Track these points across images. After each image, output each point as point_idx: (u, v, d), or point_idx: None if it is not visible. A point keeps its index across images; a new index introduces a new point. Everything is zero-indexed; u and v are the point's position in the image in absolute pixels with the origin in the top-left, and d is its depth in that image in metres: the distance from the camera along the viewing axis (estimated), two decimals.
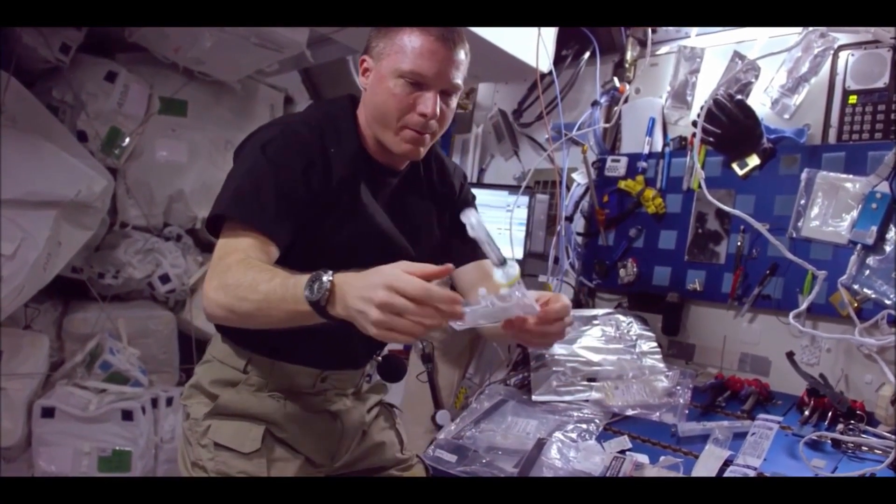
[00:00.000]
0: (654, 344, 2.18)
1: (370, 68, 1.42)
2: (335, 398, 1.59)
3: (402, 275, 1.01)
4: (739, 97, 2.07)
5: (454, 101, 1.44)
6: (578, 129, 2.53)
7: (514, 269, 1.12)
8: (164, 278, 3.13)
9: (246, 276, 1.17)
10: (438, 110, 1.38)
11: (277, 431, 1.49)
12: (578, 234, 2.54)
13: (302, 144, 1.37)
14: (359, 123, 1.47)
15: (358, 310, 1.04)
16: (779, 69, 2.14)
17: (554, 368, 2.06)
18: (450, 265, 1.10)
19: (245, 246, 1.26)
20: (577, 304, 2.49)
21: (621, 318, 2.26)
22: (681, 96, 2.38)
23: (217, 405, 1.49)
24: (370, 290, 1.02)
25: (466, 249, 1.66)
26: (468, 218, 1.15)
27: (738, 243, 2.09)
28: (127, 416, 2.74)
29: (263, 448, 1.45)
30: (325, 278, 1.08)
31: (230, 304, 1.18)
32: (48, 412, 2.66)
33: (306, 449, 1.53)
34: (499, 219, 2.62)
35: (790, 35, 2.10)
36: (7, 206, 2.38)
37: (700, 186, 2.07)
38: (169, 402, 2.93)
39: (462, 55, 1.40)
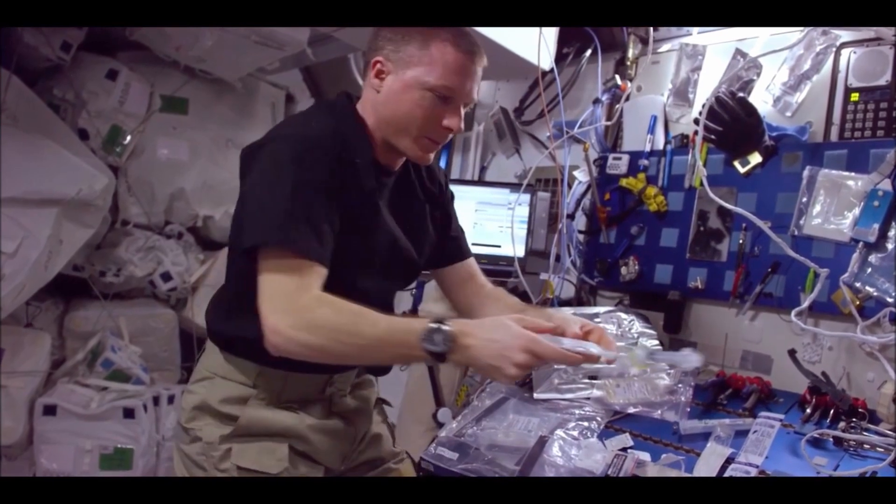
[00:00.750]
0: (656, 342, 2.18)
1: (388, 72, 1.38)
2: (339, 400, 1.58)
3: (539, 340, 1.19)
4: (741, 95, 2.06)
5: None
6: (580, 126, 2.53)
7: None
8: (166, 276, 3.13)
9: (341, 318, 1.19)
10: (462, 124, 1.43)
11: (299, 445, 1.46)
12: (580, 231, 2.54)
13: (332, 158, 1.32)
14: (366, 126, 1.44)
15: (494, 366, 1.18)
16: (781, 67, 2.14)
17: (555, 366, 2.06)
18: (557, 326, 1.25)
19: (307, 277, 1.23)
20: (579, 301, 2.49)
21: (623, 315, 2.26)
22: (682, 94, 2.38)
23: (240, 426, 1.42)
24: (510, 352, 1.17)
25: (453, 248, 1.70)
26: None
27: (740, 241, 2.09)
28: (129, 414, 2.74)
29: (290, 466, 1.42)
30: (445, 329, 1.16)
31: (323, 345, 1.18)
32: (50, 410, 2.66)
33: (325, 458, 1.51)
34: (500, 216, 2.62)
35: (792, 33, 2.10)
36: (8, 204, 2.38)
37: (702, 184, 2.06)
38: (170, 399, 2.93)
39: (482, 70, 1.43)
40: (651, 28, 2.50)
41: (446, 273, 1.70)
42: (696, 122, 2.09)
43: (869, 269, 1.82)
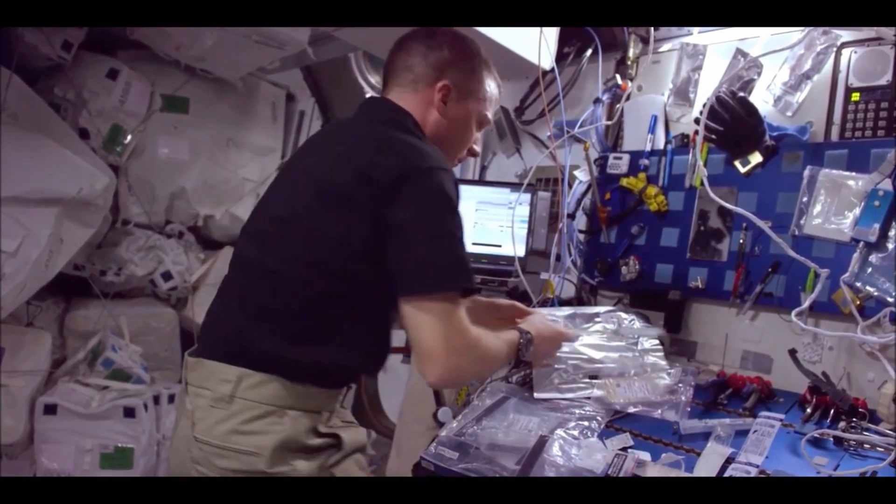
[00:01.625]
0: (656, 341, 2.18)
1: (453, 98, 1.51)
2: (339, 408, 1.59)
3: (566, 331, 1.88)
4: (742, 94, 2.06)
5: None
6: (580, 126, 2.52)
7: None
8: (166, 275, 3.14)
9: (492, 347, 1.46)
10: None
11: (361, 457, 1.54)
12: (580, 231, 2.53)
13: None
14: None
15: (548, 359, 1.79)
16: (781, 66, 2.13)
17: (556, 366, 2.05)
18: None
19: (465, 315, 1.37)
20: (580, 301, 2.49)
21: (623, 315, 2.26)
22: (683, 93, 2.38)
23: (345, 448, 1.45)
24: (558, 349, 1.87)
25: None
26: None
27: (741, 241, 2.08)
28: (129, 413, 2.74)
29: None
30: (532, 338, 1.63)
31: (483, 374, 1.61)
32: (50, 409, 2.67)
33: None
34: (501, 216, 2.62)
35: (793, 32, 2.09)
36: (9, 203, 2.39)
37: (702, 184, 2.06)
38: (171, 399, 2.93)
39: None
40: (652, 28, 2.50)
41: None
42: (697, 121, 2.09)
43: (869, 269, 1.82)
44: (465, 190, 2.55)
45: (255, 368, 1.37)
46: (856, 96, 1.98)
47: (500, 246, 2.62)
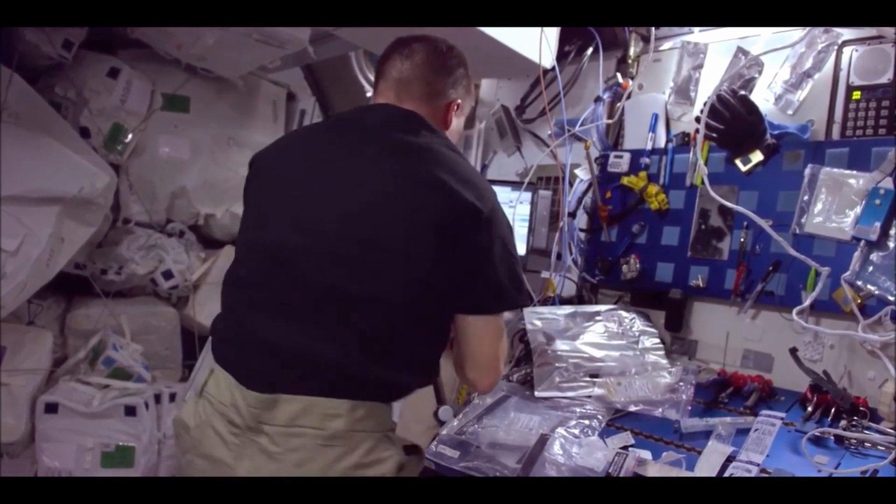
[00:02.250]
0: (657, 340, 2.18)
1: (455, 114, 1.59)
2: None
3: None
4: (743, 93, 2.06)
5: None
6: (581, 125, 2.53)
7: None
8: (167, 274, 3.13)
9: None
10: None
11: None
12: (581, 230, 2.53)
13: None
14: None
15: None
16: (782, 65, 2.14)
17: (557, 364, 2.06)
18: None
19: None
20: (580, 300, 2.49)
21: (624, 314, 2.26)
22: (684, 92, 2.37)
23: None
24: None
25: None
26: None
27: (742, 239, 2.08)
28: (130, 411, 2.74)
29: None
30: None
31: None
32: (51, 408, 2.67)
33: None
34: None
35: (794, 31, 2.09)
36: (10, 202, 2.38)
37: (703, 182, 2.06)
38: (172, 398, 2.93)
39: None
40: (652, 26, 2.50)
41: None
42: (698, 120, 2.09)
43: (870, 268, 1.82)
44: None
45: (359, 398, 1.35)
46: (857, 95, 1.98)
47: None
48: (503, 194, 2.64)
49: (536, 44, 2.39)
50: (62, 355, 2.92)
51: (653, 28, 2.50)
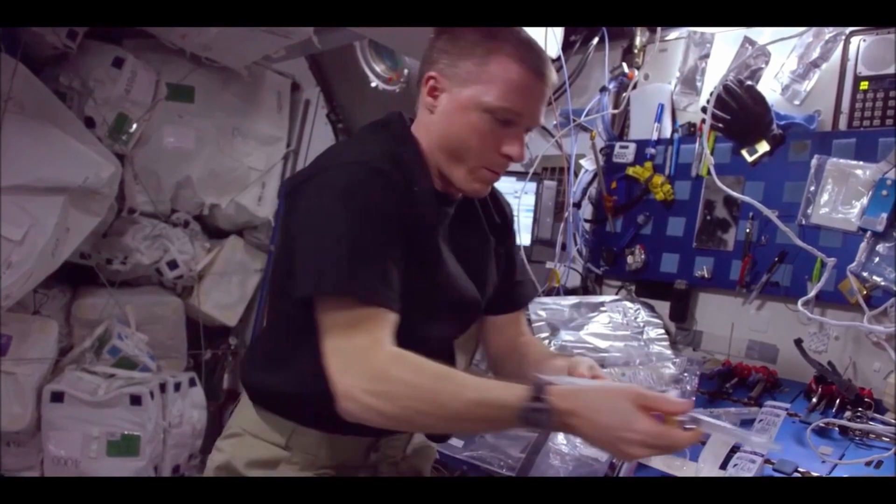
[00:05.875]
0: (662, 331, 2.18)
1: (443, 89, 1.22)
2: (387, 469, 1.38)
3: (664, 434, 0.97)
4: (749, 83, 2.05)
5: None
6: (587, 115, 2.51)
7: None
8: (172, 264, 3.15)
9: (419, 383, 1.03)
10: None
11: None
12: (586, 220, 2.53)
13: (393, 186, 1.14)
14: (422, 150, 1.26)
15: (608, 449, 1.03)
16: (789, 55, 2.12)
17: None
18: (688, 404, 1.00)
19: (377, 328, 1.08)
20: (585, 290, 2.49)
21: (629, 304, 2.26)
22: (690, 82, 2.36)
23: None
24: (625, 445, 0.97)
25: (516, 295, 1.50)
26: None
27: (747, 230, 2.08)
28: (135, 400, 2.75)
29: None
30: (546, 409, 0.99)
31: (399, 415, 1.04)
32: (57, 397, 2.68)
33: None
34: None
35: None
36: (15, 192, 2.39)
37: (709, 173, 2.06)
38: (177, 387, 2.95)
39: (551, 89, 1.26)
40: None
41: (497, 320, 1.49)
42: (704, 110, 2.08)
43: (876, 259, 1.81)
44: None
45: (244, 392, 1.36)
46: (864, 85, 1.97)
47: None
48: (507, 185, 2.63)
49: (542, 33, 2.38)
50: (68, 344, 2.93)
51: None
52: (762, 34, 2.20)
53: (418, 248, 1.18)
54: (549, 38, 2.39)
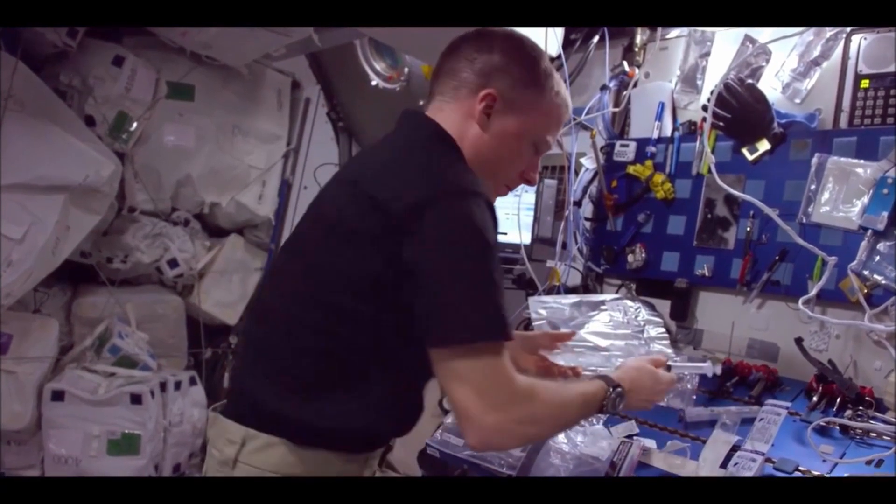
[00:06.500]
0: (662, 329, 2.18)
1: (499, 110, 1.26)
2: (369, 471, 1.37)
3: (671, 380, 1.52)
4: (750, 81, 2.05)
5: None
6: (587, 113, 2.51)
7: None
8: (173, 263, 3.15)
9: (553, 403, 1.20)
10: None
11: None
12: (586, 219, 2.53)
13: (495, 221, 1.18)
14: None
15: (641, 407, 1.46)
16: (790, 53, 2.12)
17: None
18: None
19: (507, 362, 1.13)
20: (586, 289, 2.49)
21: (629, 303, 2.26)
22: (691, 80, 2.36)
23: None
24: (656, 395, 1.46)
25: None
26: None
27: (748, 229, 2.07)
28: (136, 399, 2.76)
29: None
30: (622, 392, 1.31)
31: (542, 434, 1.33)
32: (58, 395, 2.69)
33: None
34: (507, 204, 2.61)
35: None
36: (16, 190, 2.39)
37: (710, 171, 2.05)
38: (177, 385, 2.95)
39: None
40: None
41: None
42: (705, 108, 2.08)
43: (877, 258, 1.81)
44: None
45: (262, 429, 1.20)
46: (865, 83, 1.96)
47: (505, 234, 2.62)
48: None
49: (542, 32, 2.37)
50: (68, 343, 2.94)
51: None
52: (763, 32, 2.20)
53: None
54: (549, 38, 2.38)
